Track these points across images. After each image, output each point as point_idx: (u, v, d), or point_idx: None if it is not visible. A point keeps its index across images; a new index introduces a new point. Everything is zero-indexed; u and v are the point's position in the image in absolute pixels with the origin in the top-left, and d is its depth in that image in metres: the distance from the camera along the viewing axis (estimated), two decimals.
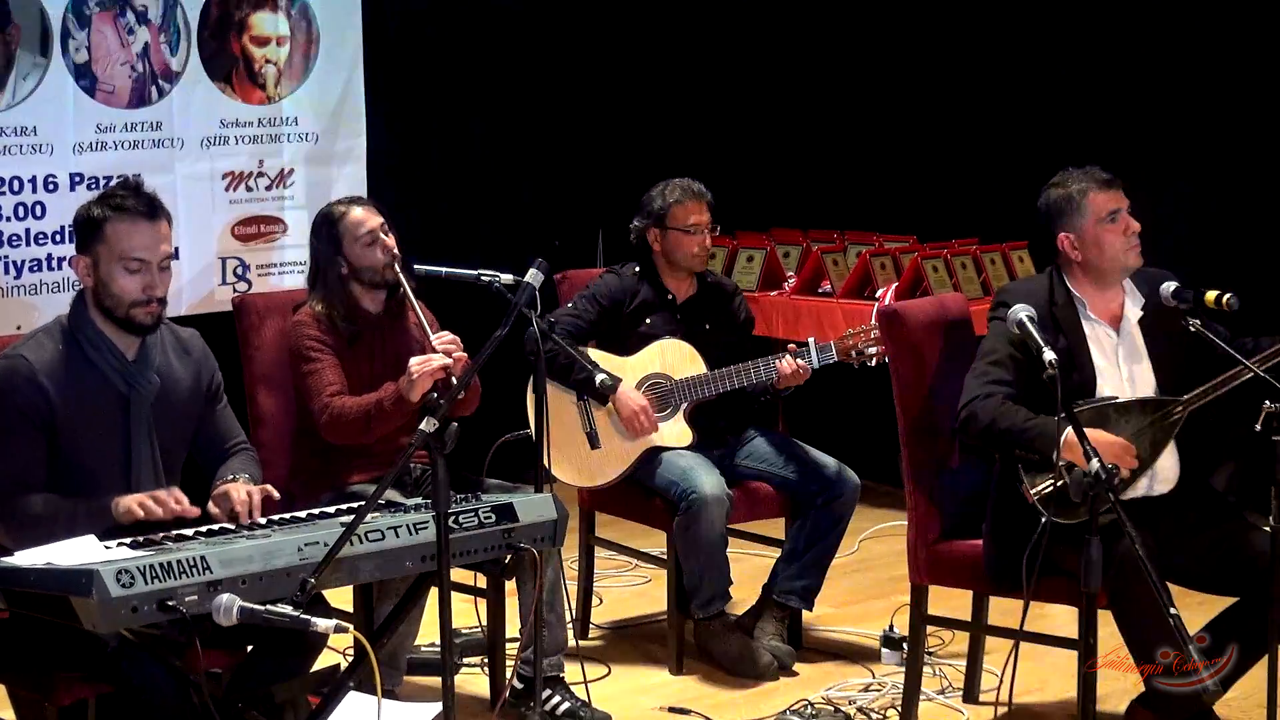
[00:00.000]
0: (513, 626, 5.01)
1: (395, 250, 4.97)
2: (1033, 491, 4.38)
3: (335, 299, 4.98)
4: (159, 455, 4.08)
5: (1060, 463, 4.09)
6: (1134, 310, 4.64)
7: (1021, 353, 4.45)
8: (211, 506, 4.00)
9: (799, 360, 5.33)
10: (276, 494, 4.08)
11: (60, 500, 3.91)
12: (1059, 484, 4.13)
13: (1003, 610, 4.86)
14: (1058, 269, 4.68)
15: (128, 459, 4.03)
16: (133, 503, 3.83)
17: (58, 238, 6.39)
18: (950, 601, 5.00)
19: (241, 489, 4.01)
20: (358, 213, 5.01)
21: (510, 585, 4.90)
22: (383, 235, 4.98)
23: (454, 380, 4.64)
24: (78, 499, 3.91)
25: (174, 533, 3.78)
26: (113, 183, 4.39)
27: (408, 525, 3.81)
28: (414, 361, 4.74)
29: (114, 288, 3.99)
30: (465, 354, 4.78)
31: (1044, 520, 4.21)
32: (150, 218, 4.02)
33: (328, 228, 5.02)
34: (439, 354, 4.74)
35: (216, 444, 4.29)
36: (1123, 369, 4.59)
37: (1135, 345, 4.63)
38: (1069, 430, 4.28)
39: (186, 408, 4.20)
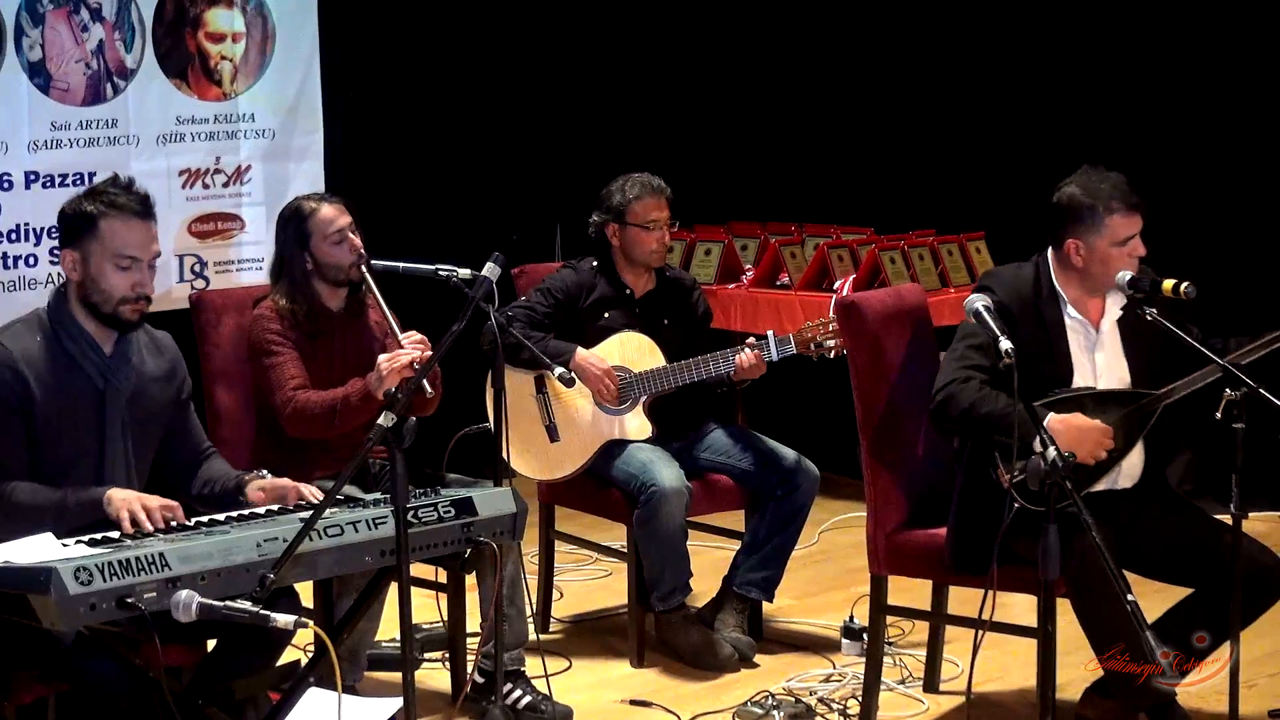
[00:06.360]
0: (473, 621, 5.01)
1: (361, 250, 4.98)
2: (1008, 477, 4.32)
3: (298, 294, 4.98)
4: (132, 452, 4.08)
5: (1042, 448, 4.02)
6: (1114, 309, 4.60)
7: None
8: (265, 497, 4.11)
9: (758, 350, 5.33)
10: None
11: (48, 490, 3.91)
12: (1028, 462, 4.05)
13: (962, 600, 4.88)
14: (1045, 260, 4.62)
15: (101, 453, 4.03)
16: (122, 510, 3.81)
17: (13, 236, 6.35)
18: (910, 592, 5.02)
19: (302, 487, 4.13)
20: (327, 211, 5.00)
21: (470, 579, 4.90)
22: (350, 234, 4.99)
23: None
24: (65, 489, 3.90)
25: (132, 530, 3.77)
26: (99, 179, 4.42)
27: (367, 520, 3.80)
28: (383, 358, 4.74)
29: (104, 284, 3.99)
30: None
31: (1014, 506, 4.20)
32: (143, 216, 4.04)
33: (296, 223, 5.01)
34: (406, 351, 4.74)
35: (189, 447, 4.30)
36: (1099, 366, 4.58)
37: (1113, 343, 4.61)
38: (1052, 415, 4.29)
39: (159, 407, 4.21)
